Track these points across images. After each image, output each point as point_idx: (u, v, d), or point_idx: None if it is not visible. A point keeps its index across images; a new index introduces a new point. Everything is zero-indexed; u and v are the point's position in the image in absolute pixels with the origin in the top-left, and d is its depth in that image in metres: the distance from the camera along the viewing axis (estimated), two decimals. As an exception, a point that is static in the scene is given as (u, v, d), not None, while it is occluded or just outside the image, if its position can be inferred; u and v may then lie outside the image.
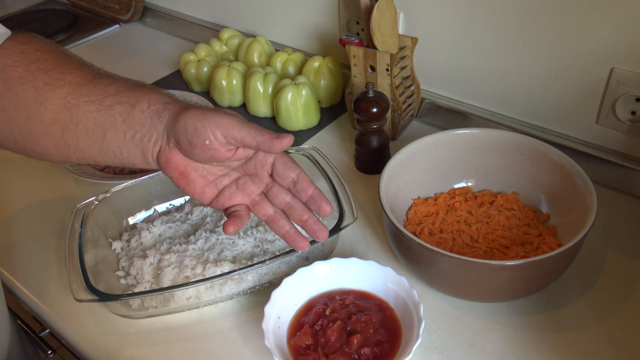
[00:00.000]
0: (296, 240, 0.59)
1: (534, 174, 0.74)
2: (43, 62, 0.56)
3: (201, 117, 0.53)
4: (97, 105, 0.55)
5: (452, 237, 0.71)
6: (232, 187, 0.59)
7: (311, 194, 0.58)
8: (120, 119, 0.55)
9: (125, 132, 0.56)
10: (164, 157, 0.56)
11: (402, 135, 0.97)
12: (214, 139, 0.53)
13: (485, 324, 0.65)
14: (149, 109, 0.55)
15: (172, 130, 0.55)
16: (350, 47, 0.89)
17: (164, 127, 0.55)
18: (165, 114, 0.55)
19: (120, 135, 0.56)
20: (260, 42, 1.10)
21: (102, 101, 0.55)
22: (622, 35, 0.73)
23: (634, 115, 0.77)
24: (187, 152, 0.55)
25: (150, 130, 0.55)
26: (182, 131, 0.54)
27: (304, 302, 0.64)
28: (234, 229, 0.57)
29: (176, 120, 0.54)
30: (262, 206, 0.59)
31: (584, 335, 0.63)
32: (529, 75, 0.85)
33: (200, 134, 0.53)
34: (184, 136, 0.54)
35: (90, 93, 0.55)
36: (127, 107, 0.55)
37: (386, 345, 0.58)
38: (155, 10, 1.42)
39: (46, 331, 0.80)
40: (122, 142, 0.56)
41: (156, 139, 0.56)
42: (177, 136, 0.54)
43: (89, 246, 0.70)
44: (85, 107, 0.55)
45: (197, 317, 0.69)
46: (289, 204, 0.59)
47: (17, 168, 0.97)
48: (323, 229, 0.59)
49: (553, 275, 0.63)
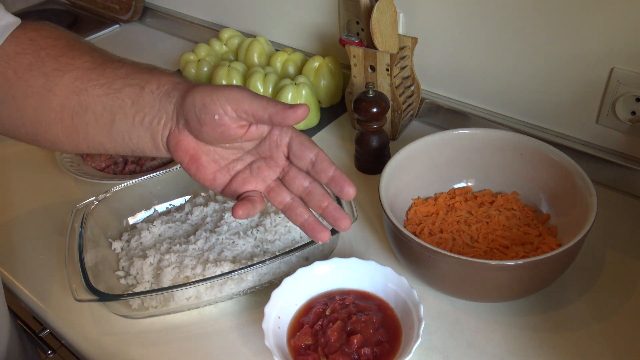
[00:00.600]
0: (315, 229, 0.54)
1: (534, 174, 0.74)
2: (53, 48, 0.55)
3: (209, 92, 0.50)
4: (105, 89, 0.54)
5: (452, 237, 0.71)
6: (245, 172, 0.55)
7: (332, 174, 0.52)
8: (129, 101, 0.53)
9: (134, 115, 0.54)
10: (173, 140, 0.53)
11: (402, 135, 0.97)
12: (223, 113, 0.50)
13: (485, 324, 0.65)
14: (158, 89, 0.53)
15: (180, 110, 0.52)
16: (350, 47, 0.89)
17: (173, 108, 0.53)
18: (174, 93, 0.53)
19: (129, 119, 0.54)
20: (260, 42, 1.10)
21: (111, 84, 0.54)
22: (622, 35, 0.73)
23: (634, 115, 0.77)
24: (197, 132, 0.52)
25: (159, 112, 0.53)
26: (190, 108, 0.51)
27: (304, 302, 0.64)
28: (244, 213, 0.52)
29: (185, 98, 0.51)
30: (278, 193, 0.55)
31: (584, 335, 0.63)
32: (529, 75, 0.85)
33: (209, 109, 0.50)
34: (193, 113, 0.51)
35: (99, 77, 0.54)
36: (137, 89, 0.53)
37: (386, 345, 0.58)
38: (155, 10, 1.42)
39: (46, 331, 0.80)
40: (131, 127, 0.54)
41: (165, 121, 0.53)
42: (185, 114, 0.52)
43: (89, 246, 0.70)
44: (94, 91, 0.54)
45: (197, 317, 0.69)
46: (307, 189, 0.54)
47: (17, 168, 0.97)
48: (345, 216, 0.53)
49: (553, 275, 0.63)
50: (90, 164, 0.93)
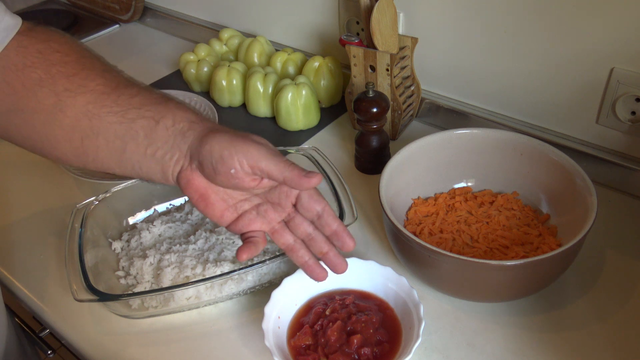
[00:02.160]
0: (315, 271, 0.57)
1: (534, 174, 0.74)
2: (64, 65, 0.53)
3: (228, 144, 0.51)
4: (119, 117, 0.53)
5: (452, 237, 0.71)
6: (252, 213, 0.56)
7: (335, 229, 0.56)
8: (143, 133, 0.53)
9: (146, 147, 0.53)
10: (184, 178, 0.54)
11: (402, 135, 0.97)
12: (239, 168, 0.51)
13: (485, 324, 0.65)
14: (173, 126, 0.53)
15: (196, 153, 0.52)
16: (350, 47, 0.89)
17: (187, 148, 0.53)
18: (190, 134, 0.53)
19: (141, 150, 0.54)
20: (260, 42, 1.10)
21: (125, 113, 0.53)
22: (622, 35, 0.73)
23: (634, 115, 0.77)
24: (210, 177, 0.53)
25: (172, 148, 0.53)
26: (207, 156, 0.52)
27: (304, 302, 0.64)
28: (247, 257, 0.55)
29: (202, 144, 0.52)
30: (281, 234, 0.57)
31: (584, 335, 0.63)
32: (529, 75, 0.85)
33: (226, 162, 0.51)
34: (209, 162, 0.52)
35: (113, 104, 0.53)
36: (151, 123, 0.53)
37: (386, 345, 0.58)
38: (155, 10, 1.42)
39: (46, 331, 0.80)
40: (142, 157, 0.54)
41: (178, 158, 0.53)
42: (201, 160, 0.52)
43: (89, 246, 0.70)
44: (107, 117, 0.53)
45: (197, 317, 0.69)
46: (310, 235, 0.57)
47: (17, 168, 0.97)
48: (343, 262, 0.57)
49: (553, 275, 0.63)
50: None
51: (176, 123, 0.53)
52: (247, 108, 1.05)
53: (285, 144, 0.96)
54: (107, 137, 0.54)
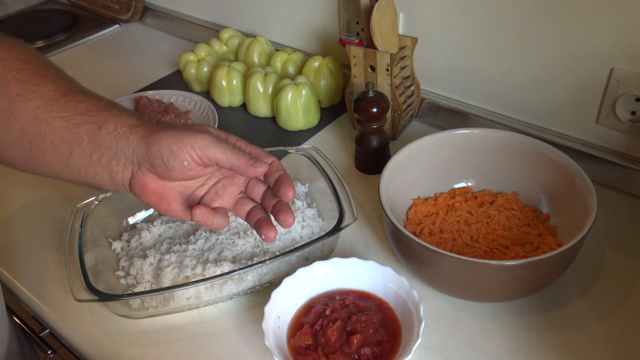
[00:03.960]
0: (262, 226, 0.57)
1: (534, 174, 0.74)
2: (20, 72, 0.55)
3: (175, 139, 0.52)
4: (65, 123, 0.54)
5: (452, 237, 0.71)
6: (210, 193, 0.58)
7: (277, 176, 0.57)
8: (87, 139, 0.54)
9: (91, 153, 0.55)
10: (138, 184, 0.55)
11: (402, 135, 0.97)
12: (191, 159, 0.53)
13: (485, 324, 0.65)
14: (115, 131, 0.54)
15: (145, 156, 0.53)
16: (350, 47, 0.89)
17: (132, 152, 0.54)
18: (132, 137, 0.54)
19: (87, 156, 0.55)
20: (260, 42, 1.10)
21: (70, 119, 0.54)
22: (622, 35, 0.73)
23: (634, 115, 0.77)
24: (165, 175, 0.54)
25: (117, 154, 0.54)
26: (157, 155, 0.53)
27: (304, 302, 0.64)
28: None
29: (149, 145, 0.53)
30: (242, 204, 0.59)
31: (584, 335, 0.63)
32: (529, 75, 0.85)
33: (177, 156, 0.52)
34: (160, 160, 0.53)
35: (61, 109, 0.54)
36: (94, 128, 0.54)
37: (386, 345, 0.58)
38: (155, 10, 1.42)
39: (46, 331, 0.80)
40: (88, 163, 0.55)
41: (125, 163, 0.55)
42: (151, 161, 0.53)
43: (89, 246, 0.70)
44: (54, 122, 0.54)
45: (197, 317, 0.69)
46: (264, 193, 0.59)
47: (17, 168, 0.97)
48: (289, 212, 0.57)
49: (553, 275, 0.63)
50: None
51: (118, 128, 0.54)
52: (247, 108, 1.05)
53: (285, 144, 0.96)
54: (53, 142, 0.55)
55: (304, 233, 0.74)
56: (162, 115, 0.99)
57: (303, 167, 0.80)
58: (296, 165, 0.81)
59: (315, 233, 0.74)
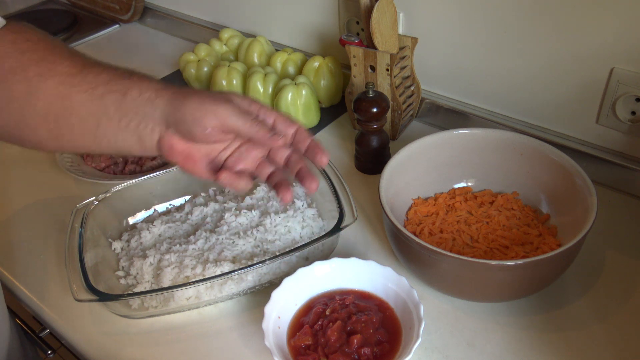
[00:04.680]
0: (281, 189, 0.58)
1: (534, 174, 0.74)
2: (34, 52, 0.55)
3: (198, 106, 0.54)
4: (88, 95, 0.55)
5: (452, 237, 0.71)
6: (234, 156, 0.59)
7: (308, 144, 0.58)
8: (113, 107, 0.55)
9: (119, 120, 0.55)
10: (166, 145, 0.57)
11: (402, 135, 0.97)
12: (212, 127, 0.55)
13: (485, 324, 0.65)
14: (140, 96, 0.55)
15: (172, 120, 0.55)
16: (350, 47, 0.89)
17: (159, 114, 0.55)
18: (158, 101, 0.55)
19: (114, 124, 0.56)
20: (260, 42, 1.10)
21: (93, 90, 0.55)
22: (622, 35, 0.73)
23: (634, 115, 0.77)
24: (190, 138, 0.56)
25: (145, 118, 0.55)
26: (181, 121, 0.54)
27: (304, 302, 0.64)
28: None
29: (175, 109, 0.55)
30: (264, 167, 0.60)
31: (584, 335, 0.63)
32: (529, 75, 0.85)
33: (199, 123, 0.54)
34: (183, 126, 0.55)
35: (82, 82, 0.55)
36: (118, 96, 0.55)
37: (386, 345, 0.58)
38: (155, 10, 1.42)
39: (46, 331, 0.80)
40: (116, 131, 0.56)
41: (152, 126, 0.56)
42: (176, 125, 0.55)
43: (89, 246, 0.70)
44: (78, 96, 0.55)
45: (197, 317, 0.69)
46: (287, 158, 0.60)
47: (17, 168, 0.97)
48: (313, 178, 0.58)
49: (553, 275, 0.63)
50: (90, 164, 0.93)
51: (142, 92, 0.55)
52: (247, 108, 1.04)
53: (285, 144, 0.96)
54: (79, 115, 0.55)
55: (304, 233, 0.74)
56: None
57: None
58: (296, 165, 0.81)
59: (315, 233, 0.74)
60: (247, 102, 0.58)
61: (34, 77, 0.54)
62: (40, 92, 0.55)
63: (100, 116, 0.55)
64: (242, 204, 0.79)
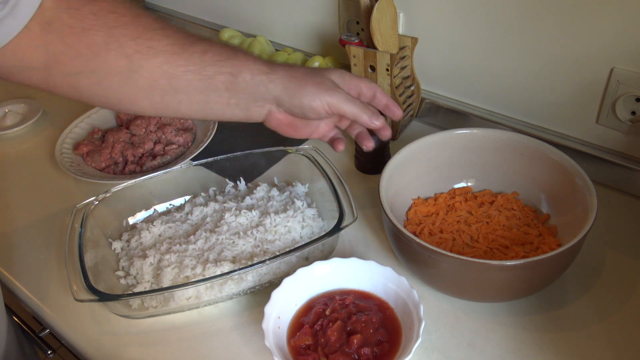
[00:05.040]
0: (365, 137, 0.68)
1: (534, 174, 0.74)
2: (124, 26, 0.55)
3: (314, 96, 0.60)
4: (197, 75, 0.57)
5: (452, 237, 0.71)
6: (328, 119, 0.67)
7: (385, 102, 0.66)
8: (223, 87, 0.58)
9: (229, 98, 0.59)
10: (274, 120, 0.63)
11: (402, 135, 0.97)
12: (325, 113, 0.61)
13: (485, 324, 0.65)
14: (252, 79, 0.58)
15: (286, 104, 0.61)
16: (350, 47, 0.89)
17: (272, 97, 0.60)
18: (272, 86, 0.59)
19: (224, 101, 0.59)
20: (260, 42, 1.10)
21: (201, 71, 0.57)
22: (622, 35, 0.73)
23: (634, 115, 0.77)
24: (299, 117, 0.63)
25: (256, 98, 0.60)
26: (297, 106, 0.60)
27: (304, 302, 0.64)
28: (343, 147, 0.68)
29: (290, 96, 0.60)
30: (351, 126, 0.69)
31: (584, 335, 0.63)
32: (529, 75, 0.85)
33: (315, 110, 0.61)
34: (299, 110, 0.61)
35: (188, 63, 0.57)
36: (229, 77, 0.58)
37: (386, 345, 0.58)
38: (155, 11, 1.42)
39: (46, 331, 0.80)
40: (225, 107, 0.60)
41: (262, 104, 0.61)
42: (291, 109, 0.61)
43: (89, 246, 0.70)
44: (185, 76, 0.57)
45: (197, 317, 0.69)
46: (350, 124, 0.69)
47: (17, 168, 0.97)
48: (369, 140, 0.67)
49: (553, 275, 0.63)
50: (90, 164, 0.93)
51: (254, 76, 0.59)
52: (247, 108, 1.04)
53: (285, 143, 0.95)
54: (188, 93, 0.58)
55: (304, 233, 0.74)
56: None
57: (303, 167, 0.80)
58: (296, 165, 0.82)
59: (315, 233, 0.74)
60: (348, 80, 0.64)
61: (133, 54, 0.55)
62: (143, 70, 0.56)
63: (210, 94, 0.58)
64: (242, 204, 0.79)
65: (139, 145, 0.95)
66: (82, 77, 0.56)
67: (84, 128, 1.01)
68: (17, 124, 1.07)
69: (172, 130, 0.97)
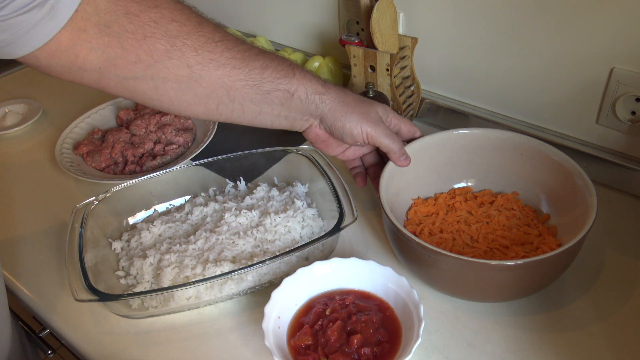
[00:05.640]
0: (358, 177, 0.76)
1: (534, 174, 0.74)
2: (186, 37, 0.56)
3: (357, 124, 0.65)
4: (255, 89, 0.60)
5: (452, 237, 0.71)
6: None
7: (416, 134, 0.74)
8: (278, 101, 0.62)
9: (279, 112, 0.63)
10: (312, 133, 0.68)
11: (402, 135, 0.96)
12: (362, 141, 0.67)
13: (485, 324, 0.65)
14: (307, 98, 0.63)
15: (329, 124, 0.66)
16: (350, 47, 0.89)
17: (318, 115, 0.65)
18: (322, 106, 0.64)
19: (275, 113, 0.63)
20: (260, 42, 1.10)
21: (259, 86, 0.60)
22: (622, 35, 0.73)
23: (634, 115, 0.77)
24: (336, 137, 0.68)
25: (305, 115, 0.65)
26: (338, 129, 0.66)
27: (304, 302, 0.64)
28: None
29: (334, 119, 0.65)
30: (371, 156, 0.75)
31: (584, 335, 0.63)
32: (529, 75, 0.85)
33: (353, 137, 0.66)
34: (339, 133, 0.66)
35: (247, 78, 0.59)
36: (286, 95, 0.62)
37: (386, 345, 0.58)
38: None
39: (46, 331, 0.80)
40: (275, 118, 0.64)
41: (308, 119, 0.66)
42: (332, 130, 0.66)
43: (89, 246, 0.70)
44: (244, 89, 0.59)
45: (197, 317, 0.69)
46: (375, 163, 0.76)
47: (17, 168, 0.97)
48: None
49: (553, 275, 0.63)
50: (90, 164, 0.93)
51: (309, 95, 0.63)
52: (247, 108, 1.04)
53: (285, 143, 0.96)
54: (243, 104, 0.62)
55: (304, 233, 0.74)
56: (163, 115, 0.99)
57: (303, 167, 0.80)
58: (296, 165, 0.81)
59: (315, 233, 0.74)
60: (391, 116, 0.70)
61: (195, 65, 0.56)
62: (203, 80, 0.58)
63: (263, 106, 0.62)
64: (242, 204, 0.79)
65: (139, 145, 0.95)
66: (139, 82, 0.57)
67: (84, 128, 1.01)
68: (17, 124, 1.07)
69: (172, 130, 0.97)
